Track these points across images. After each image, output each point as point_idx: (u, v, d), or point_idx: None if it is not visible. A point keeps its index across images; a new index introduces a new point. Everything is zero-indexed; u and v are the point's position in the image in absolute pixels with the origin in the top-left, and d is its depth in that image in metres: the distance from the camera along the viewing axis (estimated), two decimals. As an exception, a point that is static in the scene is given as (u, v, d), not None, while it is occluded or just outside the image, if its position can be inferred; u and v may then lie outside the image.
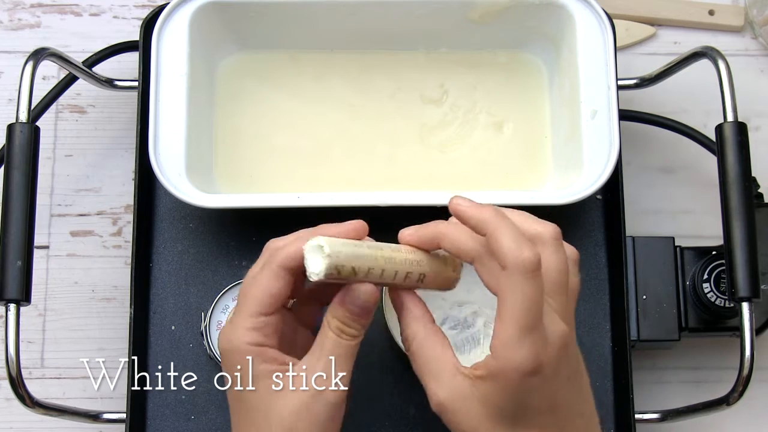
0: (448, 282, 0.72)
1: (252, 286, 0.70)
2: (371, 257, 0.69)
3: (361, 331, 0.69)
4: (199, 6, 0.87)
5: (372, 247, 0.69)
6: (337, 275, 0.67)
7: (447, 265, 0.72)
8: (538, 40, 0.91)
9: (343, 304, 0.69)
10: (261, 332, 0.69)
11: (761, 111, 0.97)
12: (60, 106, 0.96)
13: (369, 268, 0.68)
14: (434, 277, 0.71)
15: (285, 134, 0.91)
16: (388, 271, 0.69)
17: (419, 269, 0.70)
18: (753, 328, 0.80)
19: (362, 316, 0.69)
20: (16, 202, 0.81)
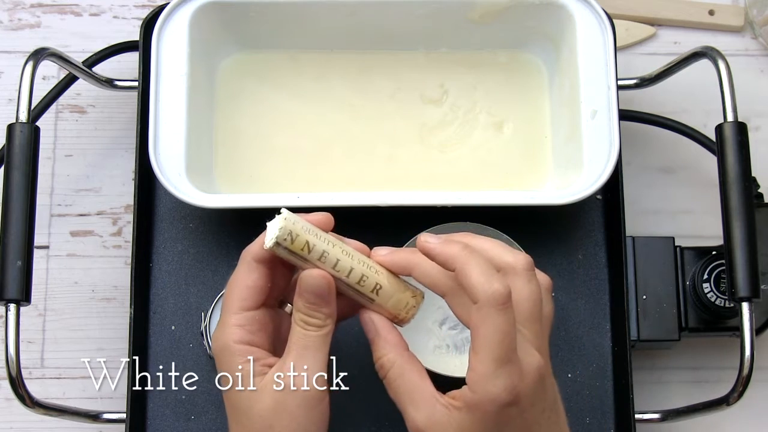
0: (404, 306, 0.71)
1: (230, 286, 0.71)
2: (329, 241, 0.69)
3: (326, 320, 0.69)
4: (199, 6, 0.87)
5: (332, 237, 0.70)
6: (291, 245, 0.67)
7: (407, 290, 0.72)
8: (538, 40, 0.91)
9: (300, 294, 0.69)
10: (246, 329, 0.69)
11: (761, 111, 0.97)
12: (60, 106, 0.96)
13: (324, 251, 0.69)
14: (390, 294, 0.70)
15: (285, 134, 0.91)
16: (344, 264, 0.69)
17: (376, 278, 0.70)
18: (753, 328, 0.80)
19: (320, 305, 0.69)
20: (16, 202, 0.81)
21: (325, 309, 0.69)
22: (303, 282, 0.69)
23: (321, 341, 0.69)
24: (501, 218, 0.85)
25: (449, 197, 0.85)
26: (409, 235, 0.83)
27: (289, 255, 0.69)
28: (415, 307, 0.72)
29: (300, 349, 0.69)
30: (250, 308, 0.70)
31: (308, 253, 0.68)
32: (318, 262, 0.69)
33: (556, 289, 0.88)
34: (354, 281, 0.70)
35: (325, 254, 0.69)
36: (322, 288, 0.69)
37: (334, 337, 0.86)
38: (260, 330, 0.70)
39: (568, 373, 0.87)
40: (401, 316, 0.72)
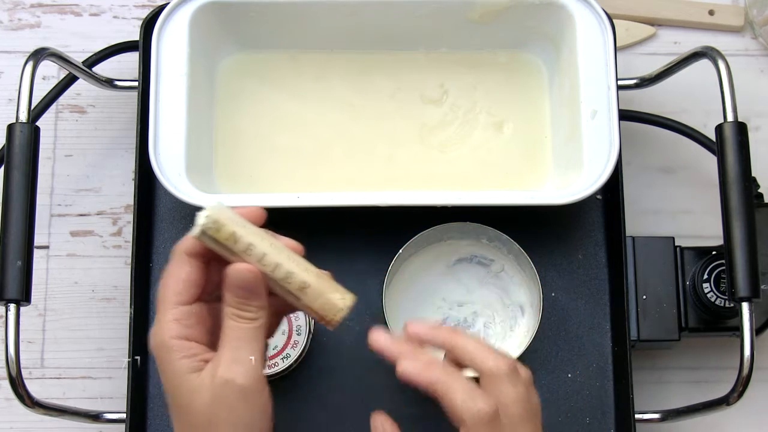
0: (331, 308, 0.70)
1: (164, 281, 0.70)
2: (256, 233, 0.68)
3: (258, 312, 0.69)
4: (199, 6, 0.87)
5: (262, 231, 0.69)
6: (216, 234, 0.67)
7: (336, 291, 0.71)
8: (538, 40, 0.91)
9: (228, 288, 0.68)
10: (182, 323, 0.69)
11: (761, 111, 0.97)
12: (60, 106, 0.96)
13: (250, 243, 0.68)
14: (317, 293, 0.70)
15: (285, 134, 0.91)
16: (270, 259, 0.68)
17: (304, 276, 0.69)
18: (753, 328, 0.80)
19: (249, 298, 0.68)
20: (16, 202, 0.81)
21: (255, 302, 0.69)
22: (229, 276, 0.68)
23: (254, 333, 0.69)
24: (501, 218, 0.85)
25: (449, 197, 0.85)
26: (409, 235, 0.83)
27: (215, 245, 0.68)
28: (342, 309, 0.70)
29: (234, 341, 0.68)
30: (185, 302, 0.69)
31: (234, 244, 0.68)
32: (244, 254, 0.68)
33: (556, 289, 0.88)
34: (280, 277, 0.69)
35: (251, 246, 0.68)
36: (249, 281, 0.68)
37: (335, 338, 0.87)
38: (197, 324, 0.70)
39: (568, 373, 0.87)
40: (328, 318, 0.70)
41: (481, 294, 0.87)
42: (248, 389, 0.68)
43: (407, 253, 0.85)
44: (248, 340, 0.68)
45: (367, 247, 0.88)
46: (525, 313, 0.86)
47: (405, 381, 0.70)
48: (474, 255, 0.87)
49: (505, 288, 0.87)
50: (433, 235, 0.85)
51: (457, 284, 0.87)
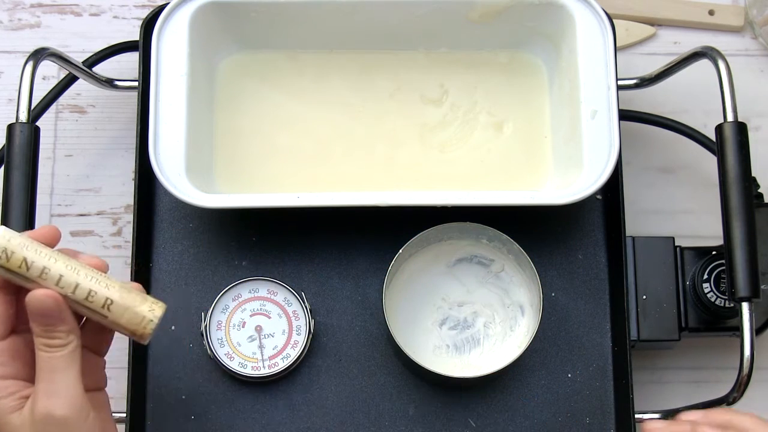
0: (140, 320, 0.69)
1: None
2: (49, 256, 0.67)
3: (67, 337, 0.68)
4: (199, 6, 0.87)
5: (56, 253, 0.68)
6: (6, 263, 0.66)
7: (144, 302, 0.70)
8: (538, 40, 0.91)
9: (32, 318, 0.67)
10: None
11: (761, 111, 0.97)
12: (60, 106, 0.96)
13: (44, 267, 0.67)
14: (123, 308, 0.69)
15: (285, 134, 0.91)
16: (68, 280, 0.67)
17: (106, 293, 0.68)
18: (753, 328, 0.80)
19: (54, 324, 0.67)
20: (16, 202, 0.81)
21: (61, 327, 0.67)
22: (29, 304, 0.67)
23: (68, 361, 0.68)
24: (501, 218, 0.85)
25: (449, 197, 0.84)
26: (409, 235, 0.83)
27: (9, 274, 0.67)
28: (152, 320, 0.70)
29: (48, 373, 0.67)
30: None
31: (27, 271, 0.67)
32: (39, 279, 0.67)
33: (556, 289, 0.88)
34: (81, 297, 0.68)
35: (46, 270, 0.67)
36: (49, 307, 0.67)
37: (335, 338, 0.87)
38: (13, 360, 0.69)
39: (568, 373, 0.87)
40: (139, 332, 0.70)
41: (481, 294, 0.87)
42: (69, 419, 0.67)
43: (407, 253, 0.85)
44: (62, 369, 0.67)
45: (367, 247, 0.88)
46: (525, 313, 0.86)
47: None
48: (474, 255, 0.87)
49: (505, 288, 0.87)
50: (433, 235, 0.85)
51: (457, 284, 0.87)
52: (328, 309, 0.88)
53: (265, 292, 0.87)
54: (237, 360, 0.85)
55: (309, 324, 0.85)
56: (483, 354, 0.86)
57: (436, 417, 0.86)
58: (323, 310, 0.88)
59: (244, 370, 0.85)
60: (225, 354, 0.85)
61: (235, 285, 0.86)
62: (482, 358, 0.85)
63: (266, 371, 0.85)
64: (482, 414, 0.86)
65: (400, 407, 0.86)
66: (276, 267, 0.88)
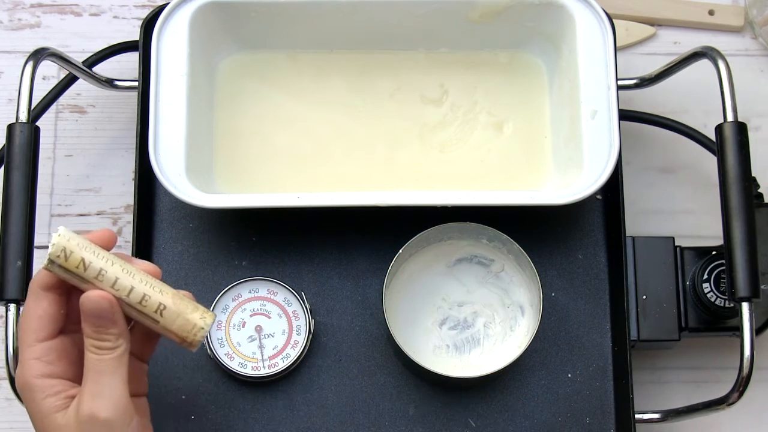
0: (191, 328, 0.70)
1: (22, 320, 0.70)
2: (107, 259, 0.68)
3: (117, 341, 0.68)
4: (199, 6, 0.87)
5: (113, 256, 0.69)
6: (65, 262, 0.66)
7: (196, 310, 0.70)
8: (538, 40, 0.91)
9: (84, 319, 0.68)
10: (44, 360, 0.68)
11: (761, 111, 0.97)
12: (60, 106, 0.96)
13: (101, 269, 0.68)
14: (175, 315, 0.69)
15: (285, 134, 0.91)
16: (123, 283, 0.68)
17: (159, 298, 0.69)
18: (753, 328, 0.80)
19: (105, 326, 0.68)
20: (16, 202, 0.81)
21: (113, 330, 0.68)
22: (83, 304, 0.68)
23: (116, 364, 0.68)
24: (501, 218, 0.85)
25: (449, 197, 0.84)
26: (409, 235, 0.83)
27: (66, 274, 0.68)
28: (203, 328, 0.70)
29: (95, 375, 0.68)
30: (45, 338, 0.69)
31: (84, 271, 0.67)
32: (95, 280, 0.68)
33: (556, 289, 0.88)
34: (135, 301, 0.69)
35: (102, 272, 0.68)
36: (103, 308, 0.67)
37: (335, 338, 0.87)
38: (60, 359, 0.69)
39: (568, 373, 0.87)
40: (189, 339, 0.70)
41: (481, 294, 0.87)
42: (113, 422, 0.67)
43: (407, 253, 0.85)
44: (109, 372, 0.68)
45: (367, 247, 0.88)
46: (525, 313, 0.86)
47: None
48: (474, 255, 0.87)
49: (505, 288, 0.87)
50: (433, 235, 0.85)
51: (457, 284, 0.87)
52: (328, 309, 0.88)
53: (265, 292, 0.87)
54: (237, 360, 0.85)
55: (309, 324, 0.86)
56: (483, 354, 0.86)
57: (436, 417, 0.86)
58: (323, 310, 0.88)
59: (244, 370, 0.85)
60: (225, 354, 0.85)
61: (235, 285, 0.86)
62: (482, 358, 0.85)
63: (266, 371, 0.85)
64: (482, 414, 0.86)
65: (400, 407, 0.86)
66: (276, 267, 0.88)
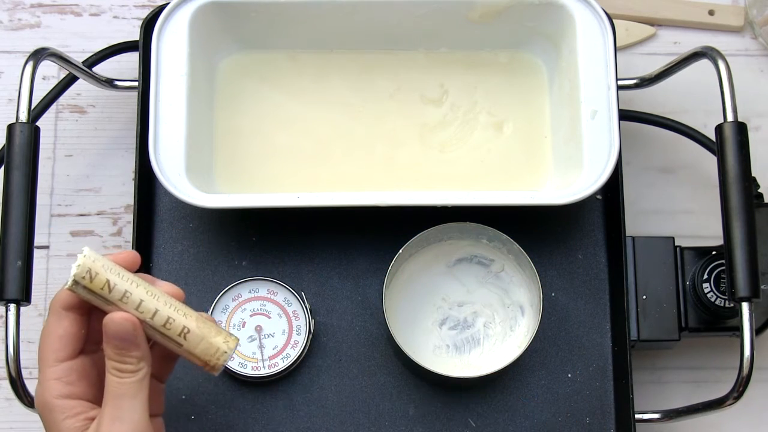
0: (214, 352, 0.70)
1: (42, 339, 0.70)
2: (131, 281, 0.68)
3: (139, 364, 0.68)
4: (199, 6, 0.87)
5: (137, 278, 0.69)
6: (90, 284, 0.66)
7: (219, 334, 0.70)
8: (538, 40, 0.91)
9: (107, 341, 0.68)
10: (64, 381, 0.68)
11: (761, 111, 0.97)
12: (60, 106, 0.96)
13: (126, 291, 0.68)
14: (199, 338, 0.69)
15: (285, 134, 0.91)
16: (147, 306, 0.68)
17: (184, 321, 0.69)
18: (753, 328, 0.80)
19: (129, 348, 0.68)
20: (16, 202, 0.81)
21: (135, 353, 0.68)
22: (106, 326, 0.67)
23: (137, 387, 0.68)
24: (501, 218, 0.85)
25: (449, 197, 0.84)
26: (409, 235, 0.83)
27: (90, 295, 0.68)
28: (226, 352, 0.70)
29: (115, 399, 0.67)
30: (65, 358, 0.69)
31: (109, 293, 0.67)
32: (120, 302, 0.68)
33: (556, 289, 0.88)
34: (159, 324, 0.68)
35: (127, 294, 0.68)
36: (127, 331, 0.67)
37: (335, 338, 0.87)
38: (80, 380, 0.69)
39: (568, 373, 0.87)
40: (212, 363, 0.70)
41: (481, 294, 0.87)
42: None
43: (407, 253, 0.85)
44: (130, 395, 0.68)
45: (367, 247, 0.88)
46: (525, 313, 0.86)
47: None
48: (474, 255, 0.87)
49: (505, 288, 0.87)
50: (433, 235, 0.85)
51: (457, 284, 0.87)
52: (328, 309, 0.88)
53: (265, 292, 0.87)
54: (237, 360, 0.85)
55: (309, 324, 0.86)
56: (483, 354, 0.86)
57: (436, 417, 0.86)
58: (323, 310, 0.88)
59: (244, 370, 0.85)
60: (225, 354, 0.85)
61: (235, 285, 0.86)
62: (482, 358, 0.85)
63: (266, 371, 0.85)
64: (482, 414, 0.86)
65: (400, 407, 0.86)
66: (276, 267, 0.88)
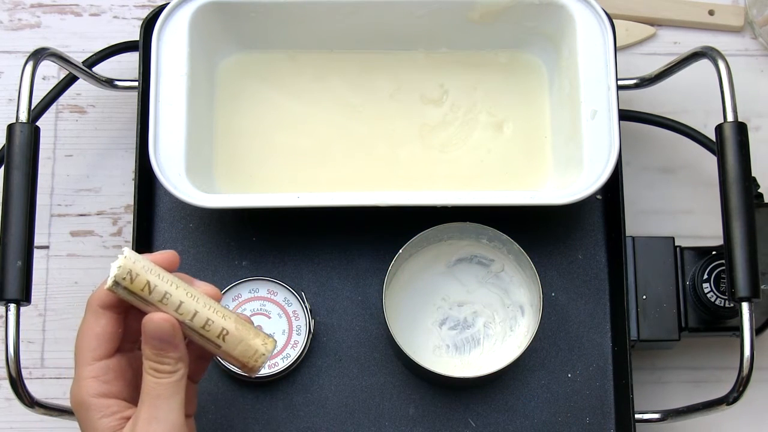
0: (253, 353, 0.70)
1: (79, 336, 0.70)
2: (171, 282, 0.68)
3: (177, 365, 0.68)
4: (199, 6, 0.87)
5: (177, 279, 0.69)
6: (130, 284, 0.67)
7: (257, 336, 0.71)
8: (538, 40, 0.91)
9: (146, 341, 0.68)
10: (101, 380, 0.68)
11: (761, 111, 0.97)
12: (60, 106, 0.96)
13: (166, 292, 0.68)
14: (237, 340, 0.69)
15: (285, 134, 0.91)
16: (187, 307, 0.68)
17: (222, 323, 0.69)
18: (753, 328, 0.80)
19: (167, 350, 0.68)
20: (16, 202, 0.81)
21: (173, 353, 0.68)
22: (146, 327, 0.68)
23: (174, 388, 0.68)
24: (501, 218, 0.85)
25: (449, 197, 0.85)
26: (409, 235, 0.83)
27: (130, 296, 0.68)
28: (264, 354, 0.70)
29: (152, 399, 0.68)
30: (102, 357, 0.69)
31: (149, 294, 0.67)
32: (160, 303, 0.68)
33: (556, 289, 0.88)
34: (198, 325, 0.69)
35: (167, 295, 0.68)
36: (166, 331, 0.67)
37: (335, 338, 0.87)
38: (117, 379, 0.69)
39: (568, 373, 0.87)
40: (250, 364, 0.71)
41: (481, 294, 0.87)
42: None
43: (407, 253, 0.85)
44: (167, 396, 0.68)
45: (367, 247, 0.88)
46: (525, 313, 0.86)
47: None
48: (474, 255, 0.87)
49: (505, 288, 0.87)
50: (433, 235, 0.85)
51: (457, 284, 0.87)
52: (328, 309, 0.88)
53: (265, 292, 0.87)
54: (237, 360, 0.85)
55: (309, 324, 0.85)
56: (483, 354, 0.86)
57: (436, 417, 0.86)
58: (323, 310, 0.88)
59: (244, 370, 0.85)
60: (225, 354, 0.85)
61: (235, 285, 0.86)
62: (482, 358, 0.85)
63: (266, 371, 0.85)
64: (482, 414, 0.86)
65: (400, 407, 0.86)
66: (276, 267, 0.88)
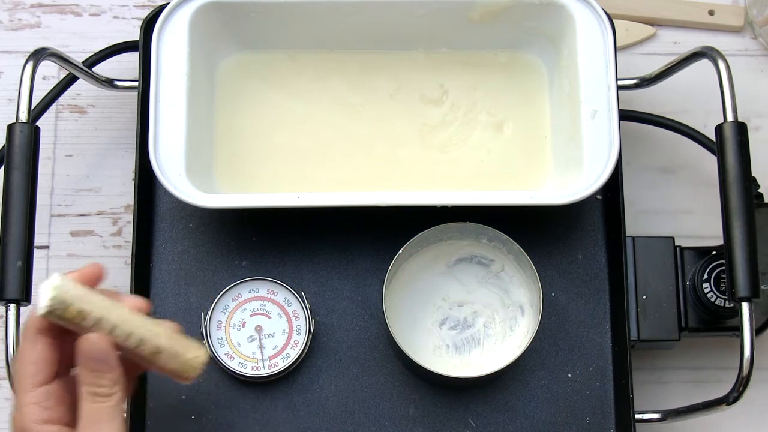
0: (186, 368, 0.72)
1: (17, 364, 0.70)
2: (103, 307, 0.69)
3: (113, 387, 0.68)
4: (199, 6, 0.87)
5: (109, 302, 0.70)
6: (63, 313, 0.67)
7: (189, 349, 0.72)
8: (538, 40, 0.91)
9: (81, 362, 0.68)
10: (42, 405, 0.68)
11: (761, 111, 0.97)
12: (60, 106, 0.96)
13: (99, 318, 0.68)
14: (170, 356, 0.71)
15: (285, 134, 0.91)
16: (121, 330, 0.69)
17: (155, 341, 0.70)
18: (753, 328, 0.80)
19: (103, 370, 0.68)
20: (16, 202, 0.81)
21: (109, 375, 0.68)
22: (81, 347, 0.68)
23: (111, 412, 0.68)
24: (501, 218, 0.85)
25: (449, 197, 0.85)
26: (409, 235, 0.83)
27: (64, 322, 0.68)
28: (196, 368, 0.73)
29: (91, 424, 0.68)
30: (42, 383, 0.69)
31: (83, 321, 0.68)
32: (94, 327, 0.69)
33: (556, 289, 0.88)
34: (132, 345, 0.70)
35: (101, 321, 0.69)
36: (102, 351, 0.68)
37: (335, 338, 0.87)
38: (58, 404, 0.69)
39: (568, 373, 0.87)
40: (184, 376, 0.73)
41: (481, 294, 0.87)
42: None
43: (407, 253, 0.85)
44: (106, 420, 0.68)
45: (367, 247, 0.88)
46: (525, 313, 0.86)
47: None
48: (474, 255, 0.87)
49: (505, 288, 0.87)
50: (433, 235, 0.85)
51: (457, 284, 0.87)
52: (328, 309, 0.88)
53: (265, 292, 0.87)
54: (237, 360, 0.85)
55: (309, 324, 0.86)
56: (483, 354, 0.86)
57: (436, 417, 0.86)
58: (323, 310, 0.88)
59: (244, 370, 0.85)
60: (225, 354, 0.85)
61: (235, 285, 0.86)
62: (482, 358, 0.85)
63: (266, 371, 0.85)
64: (482, 414, 0.86)
65: (400, 407, 0.86)
66: (276, 267, 0.88)
